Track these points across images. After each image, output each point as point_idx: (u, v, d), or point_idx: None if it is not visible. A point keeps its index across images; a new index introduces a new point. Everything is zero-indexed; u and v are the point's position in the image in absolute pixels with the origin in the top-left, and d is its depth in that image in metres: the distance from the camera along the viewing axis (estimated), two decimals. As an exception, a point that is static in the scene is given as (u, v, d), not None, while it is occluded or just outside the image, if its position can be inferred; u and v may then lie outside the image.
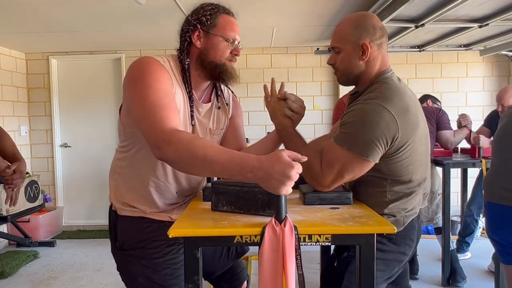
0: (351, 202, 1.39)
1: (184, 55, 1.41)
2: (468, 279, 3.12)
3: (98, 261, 3.83)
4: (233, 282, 1.69)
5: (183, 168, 1.21)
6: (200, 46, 1.40)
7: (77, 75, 4.87)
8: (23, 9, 3.03)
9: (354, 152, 1.29)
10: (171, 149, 1.16)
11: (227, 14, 1.43)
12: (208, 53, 1.39)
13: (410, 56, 4.67)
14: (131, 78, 1.33)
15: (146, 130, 1.23)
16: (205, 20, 1.39)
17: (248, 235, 1.10)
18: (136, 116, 1.27)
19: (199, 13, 1.40)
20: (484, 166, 3.07)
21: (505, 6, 2.66)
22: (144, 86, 1.26)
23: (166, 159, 1.20)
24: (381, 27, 1.40)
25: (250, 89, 4.73)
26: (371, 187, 1.42)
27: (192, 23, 1.40)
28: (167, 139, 1.17)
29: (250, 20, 3.54)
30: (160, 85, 1.28)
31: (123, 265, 1.49)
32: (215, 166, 1.10)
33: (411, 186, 1.40)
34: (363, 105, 1.32)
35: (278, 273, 1.07)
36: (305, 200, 1.39)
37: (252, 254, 3.02)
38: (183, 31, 1.43)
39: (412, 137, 1.32)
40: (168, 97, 1.28)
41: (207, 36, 1.39)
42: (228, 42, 1.40)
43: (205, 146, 1.13)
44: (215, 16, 1.40)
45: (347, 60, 1.41)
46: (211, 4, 1.43)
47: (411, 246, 1.48)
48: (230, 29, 1.41)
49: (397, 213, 1.41)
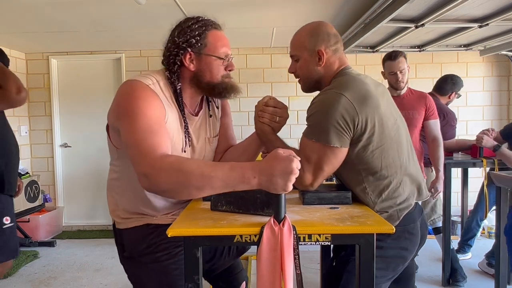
0: (350, 202, 1.40)
1: (175, 78, 1.38)
2: (468, 279, 3.11)
3: (98, 261, 3.83)
4: (231, 282, 1.69)
5: (179, 193, 1.14)
6: (193, 69, 1.38)
7: (77, 75, 4.87)
8: (23, 9, 3.03)
9: (321, 142, 1.34)
10: (162, 176, 1.11)
11: (215, 29, 1.40)
12: (203, 75, 1.38)
13: (410, 56, 4.62)
14: (120, 104, 1.29)
15: (134, 157, 1.19)
16: (194, 42, 1.35)
17: (247, 234, 1.10)
18: (126, 143, 1.24)
19: (187, 33, 1.36)
20: (485, 166, 3.07)
21: (505, 6, 2.66)
22: (134, 113, 1.23)
23: (156, 187, 1.14)
24: (335, 34, 1.48)
25: (250, 89, 4.73)
26: (354, 186, 1.43)
27: (181, 46, 1.36)
28: (157, 166, 1.12)
29: (250, 20, 3.55)
30: (150, 111, 1.24)
31: (134, 273, 1.48)
32: (215, 182, 1.08)
33: (385, 174, 1.39)
34: (321, 96, 1.39)
35: (276, 273, 1.07)
36: (304, 200, 1.39)
37: (252, 254, 3.02)
38: (171, 53, 1.39)
39: (373, 121, 1.34)
40: (158, 123, 1.25)
41: (199, 58, 1.37)
42: (221, 60, 1.39)
43: (199, 164, 1.12)
44: (204, 35, 1.37)
45: (305, 67, 1.48)
46: (197, 21, 1.39)
47: (413, 240, 1.46)
48: (221, 45, 1.39)
49: (388, 208, 1.41)
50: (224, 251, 1.57)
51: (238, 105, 4.64)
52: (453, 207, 3.50)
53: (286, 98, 4.72)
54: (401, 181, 1.42)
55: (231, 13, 3.25)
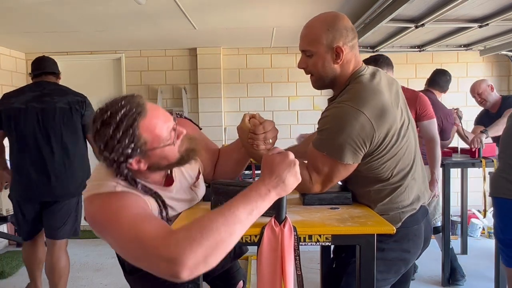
0: (350, 203, 1.40)
1: (131, 179, 1.16)
2: (468, 279, 3.12)
3: (98, 261, 3.83)
4: (228, 281, 1.69)
5: (216, 253, 0.95)
6: (145, 167, 1.17)
7: (77, 75, 4.86)
8: (23, 9, 3.03)
9: (334, 158, 1.29)
10: (186, 250, 0.91)
11: (142, 118, 1.11)
12: (160, 164, 1.19)
13: (410, 56, 4.67)
14: (97, 223, 1.11)
15: (142, 255, 0.99)
16: (131, 151, 1.10)
17: (248, 235, 1.10)
18: (123, 251, 1.07)
19: (116, 147, 1.09)
20: (484, 166, 3.08)
21: (505, 6, 2.66)
22: (114, 217, 1.06)
23: (189, 265, 0.91)
24: (352, 28, 1.38)
25: (250, 89, 4.73)
26: (358, 188, 1.42)
27: (119, 160, 1.11)
28: (172, 244, 0.93)
29: (250, 20, 3.55)
30: (129, 204, 1.10)
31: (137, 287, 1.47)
32: (240, 214, 0.97)
33: (393, 182, 1.38)
34: (337, 109, 1.31)
35: (277, 274, 1.07)
36: (305, 200, 1.39)
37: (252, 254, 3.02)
38: (112, 166, 1.13)
39: (389, 135, 1.31)
40: (144, 209, 1.11)
41: (147, 156, 1.14)
42: (171, 144, 1.17)
43: (214, 211, 0.99)
44: (136, 137, 1.10)
45: (320, 64, 1.37)
46: (117, 125, 1.09)
47: (416, 242, 1.45)
48: (160, 130, 1.14)
49: (389, 211, 1.39)
50: None
51: (238, 105, 4.64)
52: (453, 207, 3.50)
53: (286, 98, 4.73)
54: (407, 186, 1.40)
55: (231, 13, 3.25)
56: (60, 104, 2.63)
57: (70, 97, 2.69)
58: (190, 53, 4.72)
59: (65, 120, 2.63)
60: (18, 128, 2.60)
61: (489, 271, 3.14)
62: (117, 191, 1.13)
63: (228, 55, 4.75)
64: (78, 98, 2.72)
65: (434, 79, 3.37)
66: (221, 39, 4.30)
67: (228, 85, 4.73)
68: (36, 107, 2.59)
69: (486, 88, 3.42)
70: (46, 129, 2.59)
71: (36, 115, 2.58)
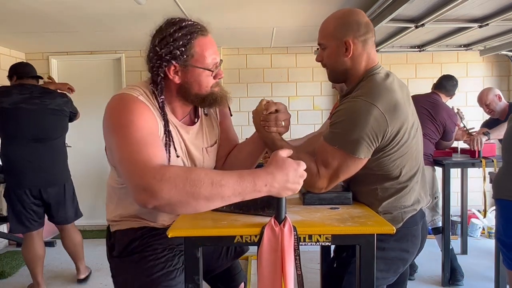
0: (350, 202, 1.40)
1: (159, 90, 1.26)
2: (468, 279, 3.12)
3: (98, 261, 3.83)
4: (230, 283, 1.69)
5: (186, 206, 1.01)
6: (179, 81, 1.26)
7: (77, 75, 4.87)
8: (23, 9, 3.03)
9: (346, 151, 1.30)
10: (166, 188, 0.99)
11: (201, 36, 1.25)
12: (190, 87, 1.26)
13: (410, 56, 4.67)
14: (109, 120, 1.19)
15: (128, 172, 1.06)
16: (179, 53, 1.21)
17: (248, 235, 1.10)
18: (118, 158, 1.13)
19: (169, 44, 1.22)
20: (484, 166, 3.08)
21: (505, 6, 2.66)
22: (124, 126, 1.13)
23: (159, 201, 1.00)
24: (366, 23, 1.40)
25: (250, 89, 4.73)
26: (362, 186, 1.42)
27: (164, 58, 1.22)
28: (158, 177, 1.00)
29: (250, 20, 3.55)
30: (142, 123, 1.15)
31: (119, 272, 1.46)
32: (226, 190, 1.01)
33: (401, 181, 1.39)
34: (351, 103, 1.32)
35: (277, 274, 1.07)
36: (305, 200, 1.39)
37: (252, 254, 3.02)
38: (153, 64, 1.26)
39: (401, 132, 1.32)
40: (153, 134, 1.16)
41: (186, 70, 1.24)
42: (210, 71, 1.27)
43: (207, 172, 1.03)
44: (190, 45, 1.22)
45: (333, 57, 1.42)
46: (180, 28, 1.23)
47: (414, 242, 1.46)
48: (209, 54, 1.25)
49: (393, 210, 1.40)
50: (222, 252, 1.56)
51: (238, 105, 4.64)
52: (453, 207, 3.51)
53: (286, 98, 4.72)
54: (411, 188, 1.42)
55: (231, 13, 3.25)
56: (51, 106, 2.96)
57: (58, 99, 3.03)
58: (190, 53, 4.72)
59: (55, 120, 3.01)
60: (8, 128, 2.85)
61: (489, 271, 3.15)
62: (138, 98, 1.20)
63: (228, 55, 4.75)
64: (64, 99, 3.08)
65: (441, 83, 3.40)
66: (221, 39, 4.29)
67: (228, 85, 4.73)
68: (27, 108, 2.85)
69: (493, 98, 3.39)
70: (38, 129, 2.90)
71: (28, 116, 2.85)
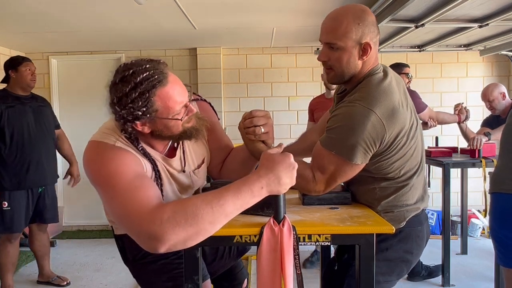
0: (350, 202, 1.40)
1: (133, 139, 1.21)
2: (468, 279, 3.12)
3: (98, 261, 3.83)
4: (233, 281, 1.70)
5: (195, 238, 1.01)
6: (149, 130, 1.20)
7: (77, 75, 4.87)
8: (23, 9, 3.03)
9: (343, 157, 1.28)
10: (169, 229, 0.97)
11: (161, 87, 1.13)
12: (162, 133, 1.21)
13: (410, 56, 4.67)
14: (91, 173, 1.17)
15: (127, 225, 1.05)
16: (141, 114, 1.13)
17: (247, 235, 1.10)
18: (111, 212, 1.14)
19: (128, 105, 1.11)
20: (484, 166, 3.08)
21: (505, 6, 2.66)
22: (108, 176, 1.10)
23: (169, 243, 0.99)
24: (376, 24, 1.34)
25: (250, 89, 4.73)
26: (361, 185, 1.41)
27: (127, 118, 1.14)
28: (157, 221, 0.98)
29: (250, 20, 3.55)
30: (124, 168, 1.12)
31: (139, 275, 1.48)
32: (227, 208, 1.01)
33: (400, 180, 1.38)
34: (348, 108, 1.29)
35: (276, 273, 1.07)
36: (304, 200, 1.39)
37: (252, 254, 3.02)
38: (117, 119, 1.17)
39: (399, 136, 1.30)
40: (139, 176, 1.13)
41: (153, 122, 1.17)
42: (178, 120, 1.19)
43: (202, 199, 1.02)
44: (151, 102, 1.12)
45: (345, 59, 1.32)
46: (136, 84, 1.11)
47: (419, 243, 1.44)
48: (173, 103, 1.16)
49: (394, 209, 1.38)
50: (225, 252, 1.57)
51: (238, 105, 4.64)
52: (453, 207, 3.50)
53: (286, 98, 4.72)
54: (412, 185, 1.40)
55: (231, 13, 3.25)
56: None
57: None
58: (190, 53, 4.72)
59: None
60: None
61: (489, 271, 3.14)
62: (115, 146, 1.17)
63: (228, 55, 4.75)
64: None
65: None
66: (221, 39, 4.30)
67: (228, 85, 4.73)
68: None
69: (497, 96, 3.34)
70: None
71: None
